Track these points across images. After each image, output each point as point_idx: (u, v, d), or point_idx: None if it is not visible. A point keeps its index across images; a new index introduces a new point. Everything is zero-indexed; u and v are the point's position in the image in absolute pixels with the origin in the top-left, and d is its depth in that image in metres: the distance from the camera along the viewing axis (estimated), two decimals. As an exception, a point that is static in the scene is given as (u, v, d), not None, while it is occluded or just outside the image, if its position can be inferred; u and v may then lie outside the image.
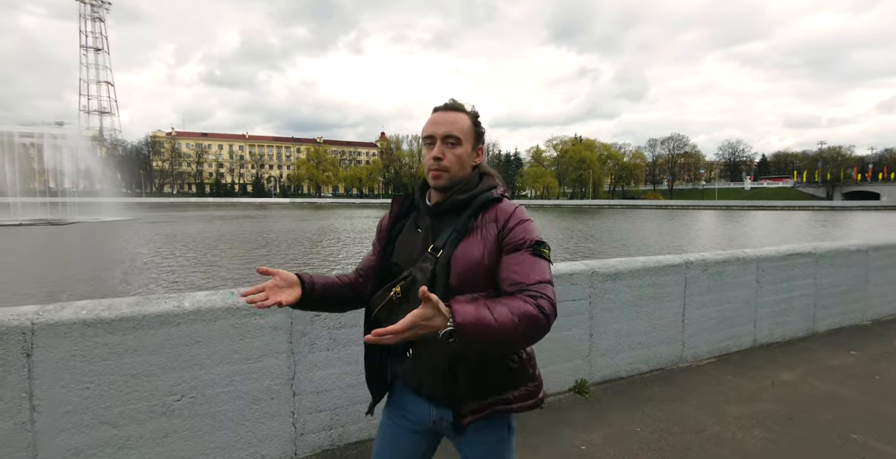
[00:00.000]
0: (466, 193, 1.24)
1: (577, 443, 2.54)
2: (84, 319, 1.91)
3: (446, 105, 1.28)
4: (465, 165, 1.26)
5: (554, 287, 1.14)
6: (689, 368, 3.61)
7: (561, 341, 3.11)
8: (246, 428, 2.23)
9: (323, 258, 15.66)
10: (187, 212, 50.52)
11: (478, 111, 1.31)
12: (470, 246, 1.18)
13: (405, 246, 1.28)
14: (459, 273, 1.16)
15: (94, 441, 1.95)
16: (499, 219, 1.20)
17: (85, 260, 14.82)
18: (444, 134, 1.22)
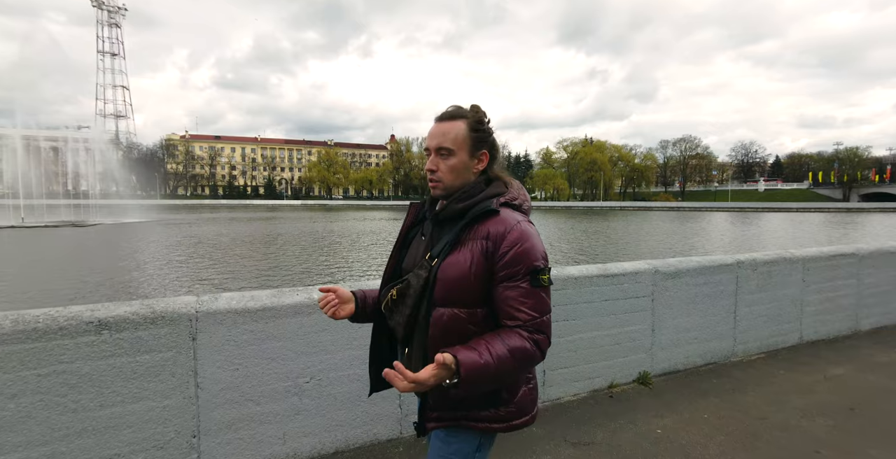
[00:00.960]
0: (464, 202, 1.23)
1: (652, 427, 2.76)
2: (235, 309, 2.18)
3: (442, 114, 1.27)
4: (461, 174, 1.25)
5: (549, 313, 1.17)
6: (740, 363, 3.81)
7: (626, 335, 3.32)
8: (361, 409, 2.48)
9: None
10: (204, 214, 51.32)
11: (482, 114, 1.27)
12: (457, 260, 1.18)
13: (413, 252, 1.32)
14: (444, 287, 1.17)
15: (241, 415, 2.21)
16: (490, 238, 1.17)
17: (118, 260, 15.29)
18: (436, 146, 1.24)
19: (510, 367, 1.09)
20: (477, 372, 1.04)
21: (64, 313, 1.92)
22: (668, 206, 79.92)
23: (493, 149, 1.29)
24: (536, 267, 1.15)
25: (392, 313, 1.28)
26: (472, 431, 1.23)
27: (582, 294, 3.11)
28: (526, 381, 1.26)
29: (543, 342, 1.14)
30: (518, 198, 1.28)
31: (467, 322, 1.17)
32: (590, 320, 3.17)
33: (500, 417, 1.22)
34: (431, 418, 1.23)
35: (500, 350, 1.08)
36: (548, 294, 1.18)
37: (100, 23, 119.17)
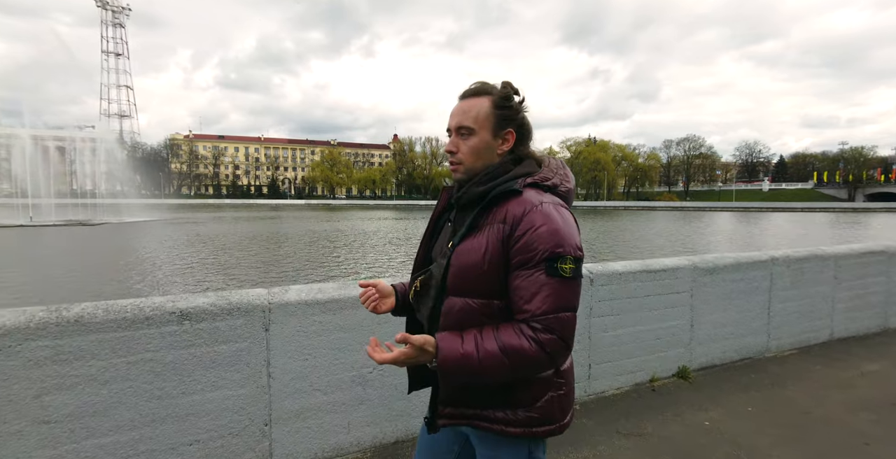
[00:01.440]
0: (486, 184, 1.12)
1: (699, 420, 2.81)
2: (305, 300, 2.25)
3: (465, 91, 1.18)
4: (483, 155, 1.14)
5: (571, 310, 1.02)
6: (774, 358, 3.86)
7: (667, 330, 3.38)
8: (420, 399, 2.53)
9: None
10: (209, 213, 51.52)
11: (511, 90, 1.16)
12: (471, 246, 1.09)
13: (441, 240, 1.23)
14: (455, 275, 1.09)
15: (309, 404, 2.27)
16: (507, 220, 1.06)
17: (125, 257, 15.40)
18: (456, 125, 1.15)
19: (500, 365, 0.98)
20: (455, 362, 0.98)
21: (149, 303, 1.98)
22: (672, 206, 79.82)
23: (522, 128, 1.17)
24: (556, 253, 1.00)
25: (419, 305, 1.22)
26: (514, 442, 1.12)
27: (625, 289, 3.17)
28: (554, 386, 1.11)
29: (551, 343, 0.98)
30: (552, 178, 1.14)
31: (480, 313, 1.07)
32: (632, 315, 3.22)
33: (518, 421, 1.08)
34: (443, 414, 1.15)
35: (489, 344, 0.99)
36: (571, 288, 1.02)
37: (104, 23, 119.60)
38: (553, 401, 1.11)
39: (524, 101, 1.18)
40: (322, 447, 2.31)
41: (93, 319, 1.86)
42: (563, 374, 1.14)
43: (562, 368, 1.13)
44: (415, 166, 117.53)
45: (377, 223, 36.40)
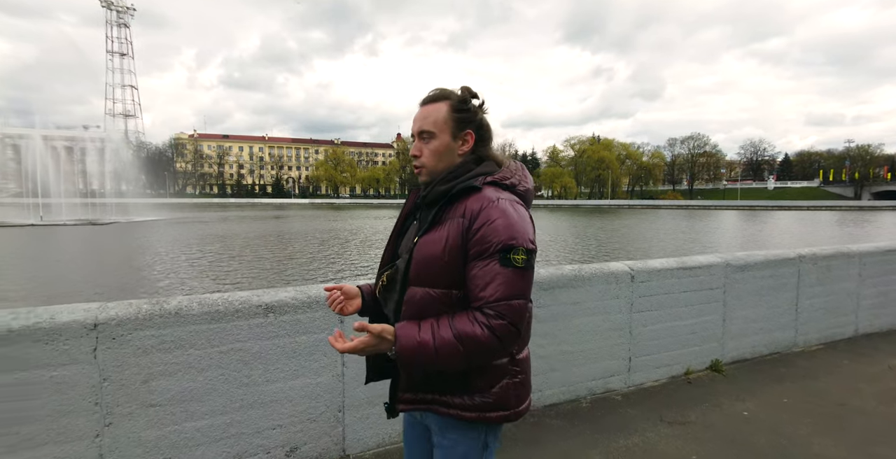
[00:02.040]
0: (449, 183, 1.18)
1: (737, 410, 2.94)
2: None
3: (425, 98, 1.24)
4: (444, 157, 1.21)
5: (522, 298, 1.08)
6: (802, 353, 3.98)
7: (701, 325, 3.50)
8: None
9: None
10: (217, 213, 51.82)
11: (468, 94, 1.23)
12: (432, 238, 1.14)
13: (407, 238, 1.28)
14: (417, 266, 1.14)
15: (377, 392, 2.41)
16: (465, 215, 1.12)
17: (142, 256, 15.61)
18: (417, 130, 1.22)
19: (455, 352, 1.03)
20: (412, 349, 1.04)
21: (237, 297, 2.13)
22: (676, 204, 79.68)
23: (481, 129, 1.23)
24: (509, 245, 1.06)
25: (385, 300, 1.26)
26: (471, 428, 1.18)
27: (663, 286, 3.30)
28: (510, 373, 1.16)
29: (502, 328, 1.03)
30: (511, 178, 1.20)
31: (440, 303, 1.11)
32: (669, 310, 3.35)
33: (474, 406, 1.14)
34: (403, 399, 1.21)
35: (445, 331, 1.04)
36: (522, 277, 1.08)
37: (109, 23, 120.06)
38: (508, 388, 1.16)
39: (483, 105, 1.24)
40: (388, 432, 2.46)
41: (190, 312, 2.01)
42: (518, 363, 1.19)
43: (518, 356, 1.18)
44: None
45: (389, 222, 36.56)
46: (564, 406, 2.93)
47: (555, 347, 2.91)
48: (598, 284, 3.03)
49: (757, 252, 3.86)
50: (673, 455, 2.43)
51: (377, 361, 1.26)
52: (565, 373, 2.97)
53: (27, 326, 1.77)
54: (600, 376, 3.10)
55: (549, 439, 2.57)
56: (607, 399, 3.06)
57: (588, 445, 2.51)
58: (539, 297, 2.83)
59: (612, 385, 3.15)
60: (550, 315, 2.88)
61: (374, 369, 1.29)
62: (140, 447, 1.95)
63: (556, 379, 2.93)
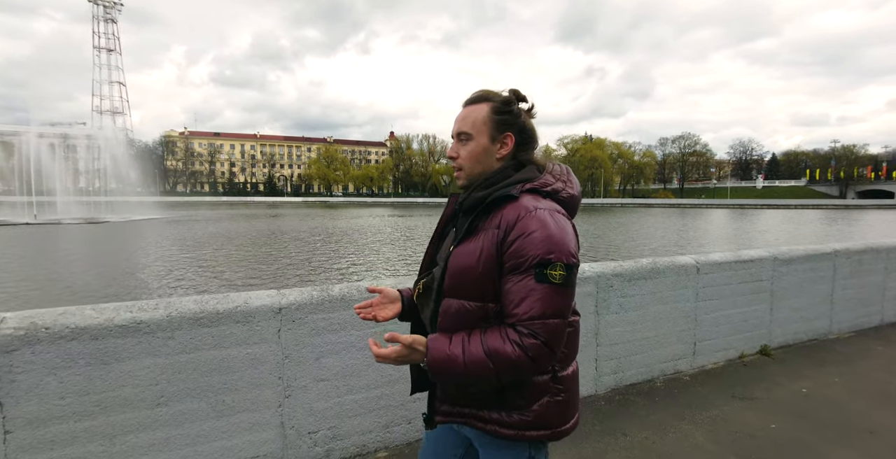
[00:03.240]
0: (486, 189, 1.15)
1: (796, 388, 3.27)
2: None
3: (467, 99, 1.21)
4: (482, 160, 1.18)
5: (560, 317, 1.02)
6: (837, 339, 4.34)
7: (752, 313, 3.84)
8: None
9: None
10: (212, 211, 51.48)
11: (512, 96, 1.19)
12: (467, 249, 1.11)
13: (445, 244, 1.25)
14: (452, 277, 1.12)
15: (318, 416, 2.70)
16: (501, 225, 1.08)
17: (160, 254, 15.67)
18: (456, 131, 1.20)
19: (484, 368, 1.00)
20: (442, 362, 1.02)
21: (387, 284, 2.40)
22: (668, 203, 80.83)
23: (523, 132, 1.19)
24: (546, 260, 1.01)
25: (422, 307, 1.25)
26: (514, 445, 1.14)
27: (722, 277, 3.62)
28: (551, 392, 1.11)
29: (535, 348, 0.99)
30: (552, 184, 1.15)
31: (477, 316, 1.08)
32: (726, 300, 3.68)
33: (511, 423, 1.10)
34: (441, 411, 1.19)
35: (475, 347, 1.01)
36: (560, 294, 1.02)
37: (95, 18, 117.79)
38: (550, 407, 1.11)
39: (532, 108, 1.21)
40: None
41: (351, 297, 2.28)
42: (561, 380, 1.13)
43: (560, 374, 1.13)
44: (412, 163, 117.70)
45: (391, 220, 36.74)
46: (642, 386, 3.24)
47: (637, 333, 3.22)
48: (670, 276, 3.35)
49: (799, 247, 4.21)
50: (753, 424, 2.75)
51: (420, 372, 1.22)
52: (643, 356, 3.28)
53: (229, 309, 2.03)
54: (670, 359, 3.42)
55: (639, 413, 2.88)
56: (677, 379, 3.38)
57: (675, 417, 2.83)
58: (625, 288, 3.14)
59: (679, 366, 3.47)
60: (634, 304, 3.18)
61: (417, 381, 1.28)
62: (312, 416, 2.21)
63: (636, 361, 3.24)
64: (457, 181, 1.22)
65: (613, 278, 3.09)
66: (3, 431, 1.68)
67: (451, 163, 1.22)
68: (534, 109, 1.22)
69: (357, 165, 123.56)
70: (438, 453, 1.31)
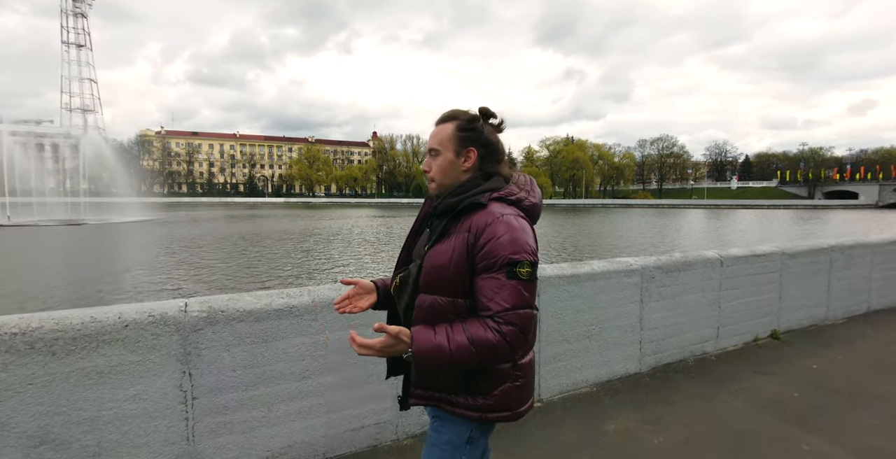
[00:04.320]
0: (458, 196, 1.28)
1: (807, 364, 3.74)
2: (559, 275, 3.04)
3: (438, 118, 1.34)
4: (449, 172, 1.31)
5: (529, 308, 1.15)
6: (833, 325, 4.86)
7: (764, 301, 4.32)
8: (620, 350, 3.38)
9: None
10: (195, 212, 50.51)
11: (477, 115, 1.32)
12: (440, 250, 1.23)
13: (420, 243, 1.38)
14: (426, 274, 1.23)
15: (560, 351, 3.08)
16: (471, 230, 1.20)
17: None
18: (429, 148, 1.34)
19: (469, 355, 1.11)
20: (429, 351, 1.11)
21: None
22: (647, 204, 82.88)
23: (486, 146, 1.31)
24: (514, 260, 1.15)
25: (398, 299, 1.36)
26: (462, 422, 1.27)
27: (741, 269, 4.08)
28: (511, 378, 1.25)
29: (512, 334, 1.12)
30: (517, 193, 1.29)
31: (448, 310, 1.20)
32: (743, 289, 4.14)
33: (476, 406, 1.24)
34: (415, 395, 1.30)
35: (458, 336, 1.12)
36: (528, 288, 1.16)
37: (64, 12, 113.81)
38: (510, 391, 1.25)
39: (502, 124, 1.35)
40: (566, 382, 3.13)
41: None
42: (521, 367, 1.27)
43: (520, 362, 1.27)
44: (396, 164, 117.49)
45: (381, 220, 36.81)
46: (676, 365, 3.67)
47: (672, 319, 3.64)
48: (699, 268, 3.78)
49: (802, 242, 4.71)
50: (778, 393, 3.19)
51: (397, 359, 1.32)
52: (677, 339, 3.71)
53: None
54: (699, 341, 3.86)
55: (680, 386, 3.30)
56: (705, 360, 3.81)
57: (713, 389, 3.25)
58: (663, 279, 3.56)
59: (706, 348, 3.91)
60: (670, 293, 3.61)
61: (392, 366, 1.39)
62: (420, 389, 2.54)
63: (672, 343, 3.67)
64: (429, 189, 1.36)
65: (655, 270, 3.51)
66: (192, 397, 1.97)
67: (427, 175, 1.35)
68: (503, 124, 1.35)
69: (340, 165, 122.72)
70: None
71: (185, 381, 1.96)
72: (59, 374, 1.73)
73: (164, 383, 1.92)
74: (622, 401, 3.06)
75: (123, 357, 1.84)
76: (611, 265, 3.33)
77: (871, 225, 33.64)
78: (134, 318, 1.86)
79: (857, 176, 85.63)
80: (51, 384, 1.72)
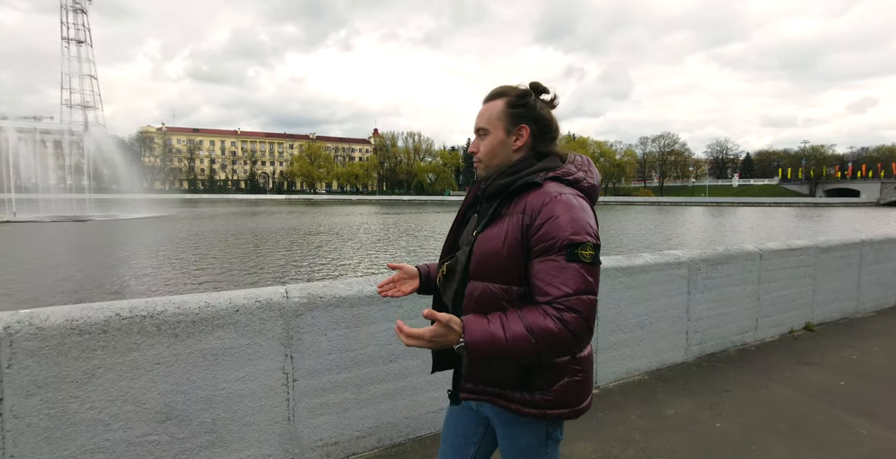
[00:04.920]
0: (510, 177, 1.19)
1: (847, 354, 3.85)
2: (615, 266, 3.14)
3: (486, 96, 1.26)
4: (498, 152, 1.22)
5: (592, 294, 1.04)
6: (863, 318, 4.95)
7: (799, 294, 4.41)
8: (668, 340, 3.48)
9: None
10: (199, 209, 50.57)
11: (529, 90, 1.23)
12: (492, 234, 1.15)
13: (468, 230, 1.29)
14: (477, 260, 1.16)
15: (615, 340, 3.18)
16: (526, 211, 1.12)
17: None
18: (476, 128, 1.25)
19: (527, 344, 1.00)
20: (483, 342, 1.00)
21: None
22: (649, 201, 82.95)
23: (539, 124, 1.22)
24: (575, 241, 1.04)
25: (445, 289, 1.29)
26: (533, 421, 1.19)
27: (778, 263, 4.18)
28: (570, 372, 1.16)
29: (575, 322, 1.00)
30: (574, 173, 1.20)
31: (501, 298, 1.12)
32: (780, 283, 4.23)
33: (534, 402, 1.15)
34: (466, 389, 1.22)
35: (515, 324, 1.01)
36: (591, 272, 1.05)
37: (64, 8, 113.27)
38: (569, 386, 1.15)
39: (554, 99, 1.25)
40: (620, 370, 3.23)
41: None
42: (580, 361, 1.18)
43: (579, 355, 1.18)
44: (397, 161, 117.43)
45: (395, 217, 36.89)
46: (719, 355, 3.77)
47: (716, 310, 3.74)
48: (740, 261, 3.88)
49: (835, 238, 4.81)
50: (824, 382, 3.29)
51: (443, 351, 1.26)
52: (719, 330, 3.81)
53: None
54: (739, 332, 3.96)
55: (728, 375, 3.40)
56: (745, 350, 3.91)
57: (761, 378, 3.35)
58: (709, 271, 3.65)
59: (745, 339, 4.01)
60: (714, 285, 3.70)
61: (438, 360, 1.30)
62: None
63: (715, 334, 3.77)
64: (478, 172, 1.27)
65: (701, 263, 3.60)
66: (293, 379, 2.07)
67: (474, 158, 1.27)
68: (556, 99, 1.25)
69: (341, 163, 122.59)
70: (460, 433, 1.34)
71: (287, 364, 2.06)
72: (182, 355, 1.83)
73: (269, 365, 2.02)
74: (675, 389, 3.16)
75: (234, 340, 1.93)
76: (661, 258, 3.42)
77: (872, 223, 33.76)
78: (243, 303, 1.96)
79: (859, 174, 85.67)
80: (174, 364, 1.81)
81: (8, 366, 1.57)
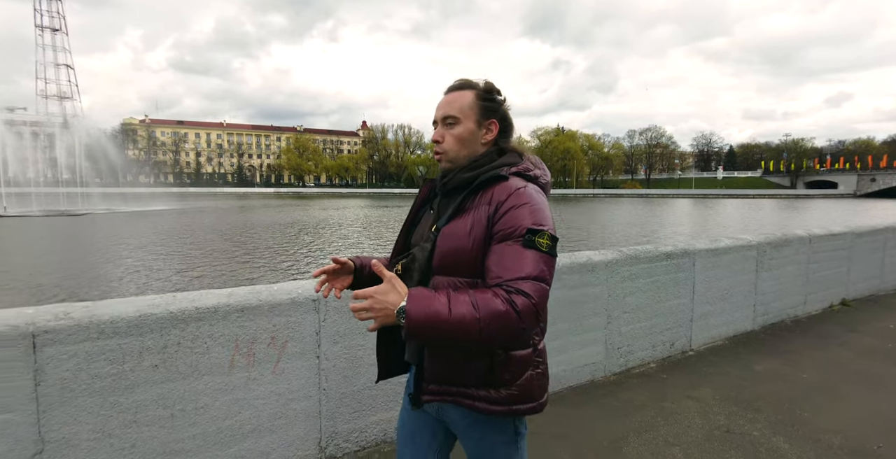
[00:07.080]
0: (473, 171, 1.18)
1: (884, 325, 4.45)
2: (706, 248, 3.66)
3: (450, 86, 1.25)
4: (467, 143, 1.20)
5: (545, 283, 1.01)
6: (886, 295, 5.60)
7: (837, 274, 5.02)
8: (741, 312, 4.03)
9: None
10: (187, 203, 49.93)
11: (494, 87, 1.24)
12: (457, 226, 1.13)
13: (421, 227, 1.27)
14: (441, 254, 1.13)
15: (706, 311, 3.73)
16: (492, 201, 1.11)
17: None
18: (441, 115, 1.22)
19: (471, 320, 0.95)
20: (423, 308, 0.96)
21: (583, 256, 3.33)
22: (637, 193, 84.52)
23: (505, 120, 1.24)
24: (534, 229, 1.05)
25: None
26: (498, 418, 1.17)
27: (822, 246, 4.77)
28: (533, 364, 1.15)
29: (524, 306, 0.96)
30: (532, 170, 1.22)
31: None
32: (823, 264, 4.83)
33: (500, 399, 1.12)
34: (428, 391, 1.18)
35: (461, 297, 0.98)
36: (547, 262, 1.04)
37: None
38: (532, 379, 1.15)
39: (505, 100, 1.27)
40: (707, 336, 3.79)
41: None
42: (540, 353, 1.18)
43: (539, 347, 1.18)
44: (387, 154, 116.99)
45: (394, 211, 37.08)
46: (778, 325, 4.34)
47: (775, 286, 4.31)
48: (795, 245, 4.45)
49: (865, 224, 5.42)
50: (875, 345, 3.88)
51: (389, 354, 1.27)
52: (777, 303, 4.37)
53: (580, 263, 2.92)
54: (791, 306, 4.53)
55: (794, 341, 3.96)
56: (798, 321, 4.49)
57: (820, 342, 3.92)
58: (772, 253, 4.21)
59: (797, 312, 4.59)
60: (775, 265, 4.28)
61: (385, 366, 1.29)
62: (620, 337, 3.15)
63: (774, 307, 4.34)
64: (439, 163, 1.24)
65: (766, 246, 4.15)
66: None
67: (435, 147, 1.23)
68: (507, 101, 1.28)
69: (329, 155, 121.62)
70: (416, 439, 1.31)
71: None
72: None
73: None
74: (754, 350, 3.71)
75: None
76: (737, 242, 3.96)
77: (848, 214, 35.24)
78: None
79: (836, 166, 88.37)
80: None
81: (324, 320, 2.00)
